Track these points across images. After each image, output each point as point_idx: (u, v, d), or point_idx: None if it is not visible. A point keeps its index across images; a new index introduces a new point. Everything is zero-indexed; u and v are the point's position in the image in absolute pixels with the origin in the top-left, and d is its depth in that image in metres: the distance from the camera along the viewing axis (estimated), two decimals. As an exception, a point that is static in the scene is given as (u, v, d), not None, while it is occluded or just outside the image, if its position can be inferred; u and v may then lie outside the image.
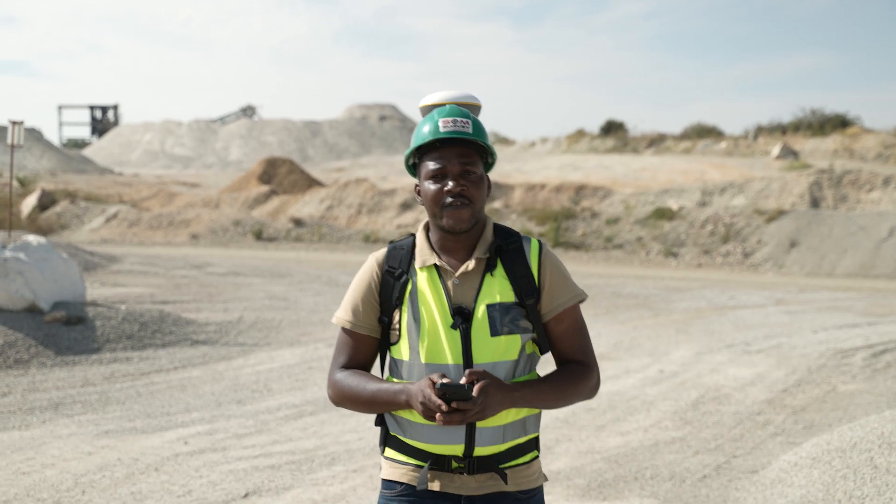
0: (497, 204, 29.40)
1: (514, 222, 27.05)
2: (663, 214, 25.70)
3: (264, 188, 34.45)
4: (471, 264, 2.49)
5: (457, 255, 2.53)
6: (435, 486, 2.48)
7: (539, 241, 2.58)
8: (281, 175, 37.41)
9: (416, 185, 2.57)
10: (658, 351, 10.72)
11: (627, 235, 25.36)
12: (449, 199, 2.46)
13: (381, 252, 2.62)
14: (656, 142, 47.14)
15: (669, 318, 13.48)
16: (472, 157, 2.48)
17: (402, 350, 2.52)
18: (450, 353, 2.44)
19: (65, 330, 10.24)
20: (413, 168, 2.59)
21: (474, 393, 2.29)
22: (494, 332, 2.45)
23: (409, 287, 2.52)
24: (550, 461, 6.36)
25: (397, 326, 2.53)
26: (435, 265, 2.52)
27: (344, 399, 2.55)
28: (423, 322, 2.47)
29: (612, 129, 51.83)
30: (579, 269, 21.79)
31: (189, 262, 20.89)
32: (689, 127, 49.79)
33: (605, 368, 9.66)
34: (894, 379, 8.96)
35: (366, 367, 2.62)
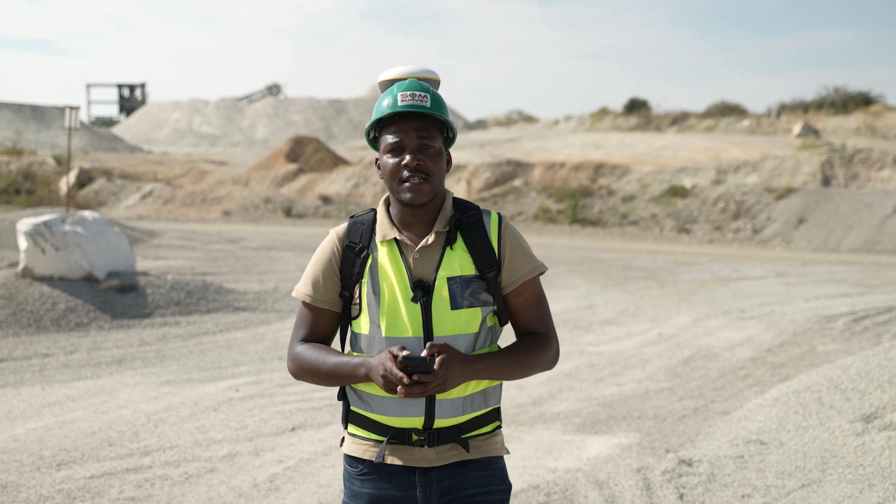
0: (517, 182, 30.20)
1: (533, 200, 27.91)
2: (677, 192, 26.50)
3: (292, 166, 35.45)
4: (430, 238, 2.49)
5: (417, 230, 2.54)
6: (395, 459, 2.49)
7: (499, 214, 2.59)
8: (308, 153, 38.40)
9: (377, 160, 2.56)
10: (660, 317, 11.67)
11: (642, 212, 26.18)
12: (406, 174, 2.46)
13: (341, 227, 2.61)
14: (679, 120, 47.52)
15: (675, 288, 14.40)
16: (431, 131, 2.48)
17: (362, 324, 2.51)
18: (410, 327, 2.45)
19: (119, 297, 11.33)
20: (374, 142, 2.59)
21: (435, 366, 2.31)
22: (455, 306, 2.46)
23: (370, 261, 2.52)
24: (552, 405, 7.37)
25: (358, 301, 2.51)
26: (395, 239, 2.52)
27: (304, 372, 2.54)
28: (384, 296, 2.47)
29: (635, 107, 52.12)
30: (595, 244, 22.72)
31: (224, 237, 21.98)
32: (713, 105, 50.05)
33: (608, 332, 10.64)
34: (868, 340, 9.88)
35: (326, 340, 2.61)
